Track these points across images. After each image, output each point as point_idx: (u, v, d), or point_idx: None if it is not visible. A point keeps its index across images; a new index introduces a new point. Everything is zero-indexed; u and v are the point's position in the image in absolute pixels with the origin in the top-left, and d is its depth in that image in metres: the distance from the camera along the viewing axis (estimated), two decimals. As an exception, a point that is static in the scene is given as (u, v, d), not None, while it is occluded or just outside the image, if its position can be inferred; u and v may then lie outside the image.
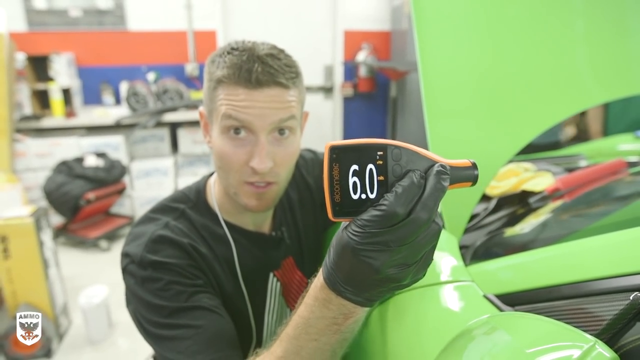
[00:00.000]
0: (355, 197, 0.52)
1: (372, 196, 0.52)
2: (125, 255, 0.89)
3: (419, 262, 0.54)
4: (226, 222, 0.97)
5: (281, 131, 0.88)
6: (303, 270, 1.10)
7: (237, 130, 0.85)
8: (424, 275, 0.58)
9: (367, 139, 0.52)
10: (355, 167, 0.51)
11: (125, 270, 0.88)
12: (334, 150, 0.51)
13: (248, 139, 0.86)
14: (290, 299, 1.08)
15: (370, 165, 0.52)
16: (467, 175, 0.54)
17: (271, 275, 1.03)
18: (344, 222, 0.54)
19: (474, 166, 0.54)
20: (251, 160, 0.85)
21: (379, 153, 0.52)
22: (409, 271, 0.53)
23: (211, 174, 1.04)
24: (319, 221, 1.13)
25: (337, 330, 0.61)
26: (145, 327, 0.84)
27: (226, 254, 0.96)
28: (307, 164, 1.15)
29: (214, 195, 0.99)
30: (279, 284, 1.04)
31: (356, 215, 0.52)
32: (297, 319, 0.65)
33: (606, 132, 2.93)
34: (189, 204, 0.97)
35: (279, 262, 1.04)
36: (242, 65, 0.82)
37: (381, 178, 0.52)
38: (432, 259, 0.57)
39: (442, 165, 0.51)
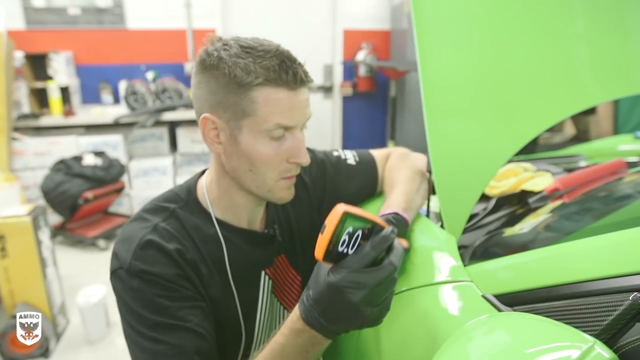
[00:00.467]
0: (340, 249, 0.67)
1: (350, 252, 0.68)
2: (115, 256, 0.89)
3: (381, 305, 0.70)
4: (219, 220, 0.97)
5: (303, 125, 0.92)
6: (296, 268, 1.10)
7: (279, 132, 0.86)
8: (381, 322, 0.73)
9: (369, 213, 0.67)
10: (350, 229, 0.66)
11: (113, 274, 0.88)
12: (347, 214, 0.65)
13: (285, 137, 0.88)
14: (283, 296, 1.08)
15: (360, 232, 0.67)
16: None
17: (263, 273, 1.02)
18: (325, 266, 0.70)
19: (409, 247, 0.82)
20: (292, 157, 0.89)
21: (368, 226, 0.67)
22: (374, 310, 0.69)
23: (202, 172, 1.03)
24: (315, 219, 1.13)
25: (306, 357, 0.75)
26: (129, 332, 0.86)
27: (216, 253, 0.95)
28: None
29: (206, 194, 0.98)
30: (270, 281, 1.04)
31: (335, 262, 0.68)
32: (273, 345, 0.77)
33: (616, 130, 2.91)
34: (180, 203, 0.97)
35: (271, 259, 1.04)
36: (284, 67, 0.83)
37: (362, 242, 0.67)
38: (389, 308, 0.73)
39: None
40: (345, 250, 0.67)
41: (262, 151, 0.86)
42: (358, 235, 0.67)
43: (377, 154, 1.24)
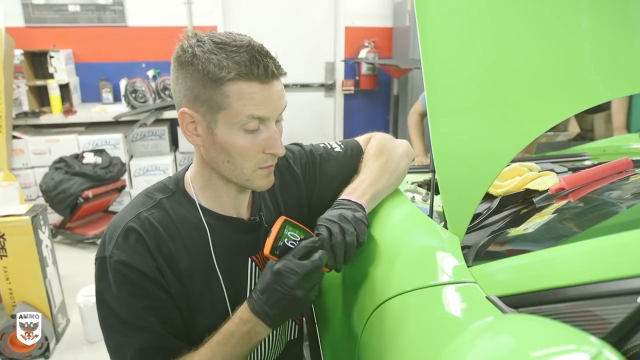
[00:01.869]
0: (285, 245, 0.92)
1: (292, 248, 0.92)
2: (100, 244, 0.96)
3: (311, 290, 0.90)
4: (206, 210, 1.01)
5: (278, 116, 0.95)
6: None
7: (254, 124, 0.90)
8: (310, 303, 0.96)
9: (304, 226, 0.95)
10: (290, 234, 0.92)
11: (96, 261, 0.96)
12: (286, 221, 0.93)
13: (259, 129, 0.92)
14: None
15: (297, 238, 0.93)
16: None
17: (249, 259, 1.06)
18: (271, 263, 0.91)
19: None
20: (268, 148, 0.93)
21: (303, 234, 0.93)
22: (306, 293, 0.88)
23: (189, 166, 1.07)
24: (304, 209, 1.18)
25: (248, 342, 0.93)
26: (101, 318, 0.96)
27: (201, 241, 1.00)
28: (295, 155, 1.20)
29: (191, 184, 1.02)
30: (257, 267, 1.08)
31: (278, 257, 0.91)
32: (224, 331, 0.93)
33: (629, 127, 2.88)
34: (168, 194, 1.01)
35: (258, 246, 1.08)
36: (255, 62, 0.86)
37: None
38: (317, 293, 0.94)
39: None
40: (287, 249, 0.91)
41: (238, 143, 0.91)
42: (295, 240, 0.92)
43: (360, 139, 1.29)
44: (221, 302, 1.02)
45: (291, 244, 0.92)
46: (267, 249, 0.90)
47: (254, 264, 1.07)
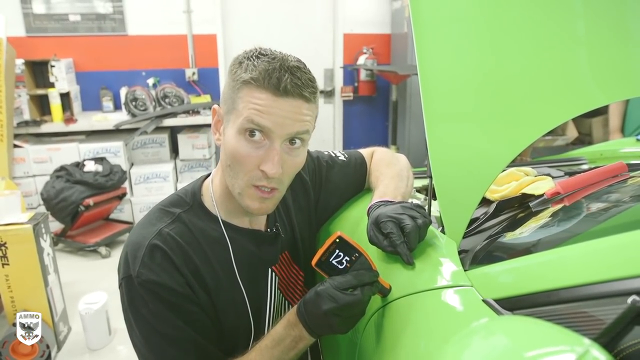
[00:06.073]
0: (331, 263, 0.86)
1: (340, 267, 0.87)
2: (124, 264, 0.94)
3: (347, 320, 0.85)
4: (225, 223, 1.01)
5: (293, 141, 0.92)
6: (299, 264, 1.15)
7: (252, 133, 0.88)
8: (346, 332, 0.87)
9: (356, 242, 0.87)
10: (341, 253, 0.86)
11: (123, 281, 0.93)
12: (340, 238, 0.86)
13: (262, 143, 0.89)
14: (288, 292, 1.13)
15: (347, 257, 0.86)
16: (384, 291, 0.88)
17: (269, 270, 1.07)
18: (324, 280, 0.87)
19: (390, 289, 0.89)
20: (262, 164, 0.89)
21: (356, 254, 0.87)
22: (339, 322, 0.84)
23: (207, 175, 1.07)
24: (312, 217, 1.19)
25: (295, 347, 0.90)
26: (139, 338, 0.94)
27: (223, 255, 0.99)
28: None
29: (212, 195, 1.02)
30: (277, 278, 1.08)
31: (326, 273, 0.88)
32: (273, 334, 0.91)
33: (623, 130, 2.89)
34: (185, 207, 1.00)
35: (276, 257, 1.09)
36: (272, 72, 0.86)
37: (348, 265, 0.87)
38: (354, 325, 0.87)
39: (377, 281, 0.86)
40: (334, 266, 0.86)
41: (235, 146, 0.90)
42: (347, 259, 0.86)
43: (363, 151, 1.32)
44: (244, 313, 1.02)
45: (338, 262, 0.86)
46: (313, 261, 0.87)
47: (273, 274, 1.07)
